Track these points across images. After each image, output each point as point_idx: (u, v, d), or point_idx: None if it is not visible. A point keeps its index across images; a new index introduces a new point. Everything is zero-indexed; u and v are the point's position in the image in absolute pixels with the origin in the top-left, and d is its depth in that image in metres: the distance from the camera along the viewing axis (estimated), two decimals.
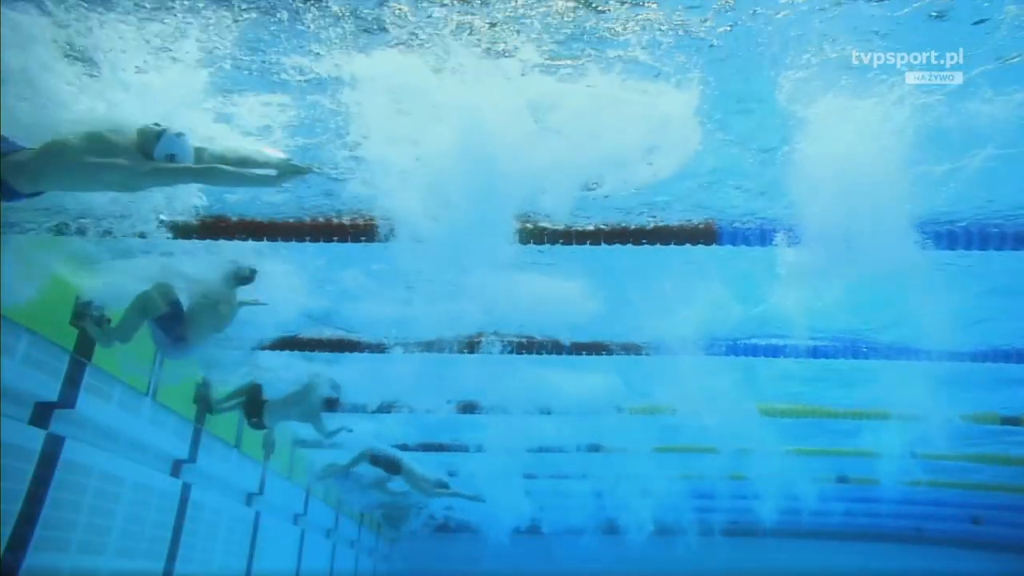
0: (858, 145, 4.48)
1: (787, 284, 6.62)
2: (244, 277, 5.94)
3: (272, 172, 3.71)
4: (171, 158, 3.80)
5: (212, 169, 3.67)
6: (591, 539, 18.44)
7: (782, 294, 6.84)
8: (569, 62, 4.32)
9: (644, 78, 4.38)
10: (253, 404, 8.06)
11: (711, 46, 4.18)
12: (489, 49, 4.25)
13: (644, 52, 4.21)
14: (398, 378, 8.66)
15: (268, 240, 5.48)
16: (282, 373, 8.44)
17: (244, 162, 3.82)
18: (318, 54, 4.18)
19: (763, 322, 7.44)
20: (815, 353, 7.58)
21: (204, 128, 4.26)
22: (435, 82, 4.31)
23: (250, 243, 5.58)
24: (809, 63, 4.25)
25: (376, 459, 10.83)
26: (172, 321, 5.84)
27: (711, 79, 4.37)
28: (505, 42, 4.20)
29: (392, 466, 10.87)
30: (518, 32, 4.14)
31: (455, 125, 4.40)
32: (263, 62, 4.28)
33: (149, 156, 3.79)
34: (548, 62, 4.33)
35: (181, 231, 5.22)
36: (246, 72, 4.33)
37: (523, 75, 4.31)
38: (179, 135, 3.84)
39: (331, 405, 8.07)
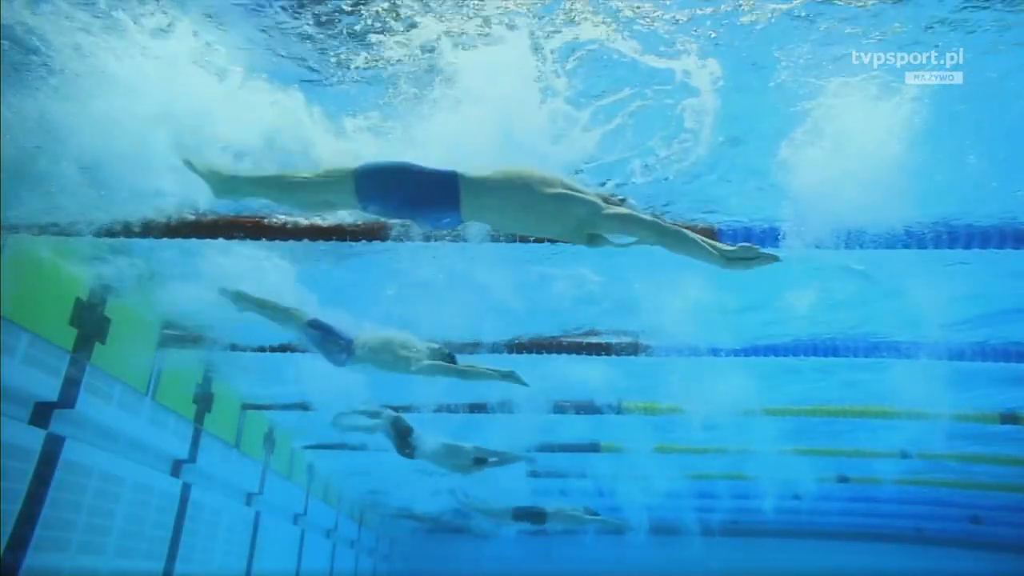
0: (858, 143, 4.49)
1: (786, 282, 6.64)
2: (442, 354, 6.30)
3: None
4: None
5: (677, 232, 3.55)
6: (591, 539, 18.44)
7: (782, 293, 6.86)
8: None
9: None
10: (401, 437, 8.27)
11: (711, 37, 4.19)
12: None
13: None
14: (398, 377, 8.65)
15: (267, 240, 5.47)
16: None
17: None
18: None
19: (764, 321, 7.44)
20: (815, 351, 7.58)
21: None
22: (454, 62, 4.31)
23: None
24: (809, 61, 4.26)
25: (520, 514, 10.80)
26: (321, 334, 6.14)
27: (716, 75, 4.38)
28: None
29: (538, 518, 10.82)
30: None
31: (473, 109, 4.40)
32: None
33: None
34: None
35: (172, 230, 5.20)
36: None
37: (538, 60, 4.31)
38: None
39: (479, 464, 8.64)
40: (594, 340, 7.63)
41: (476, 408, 9.54)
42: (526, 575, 19.28)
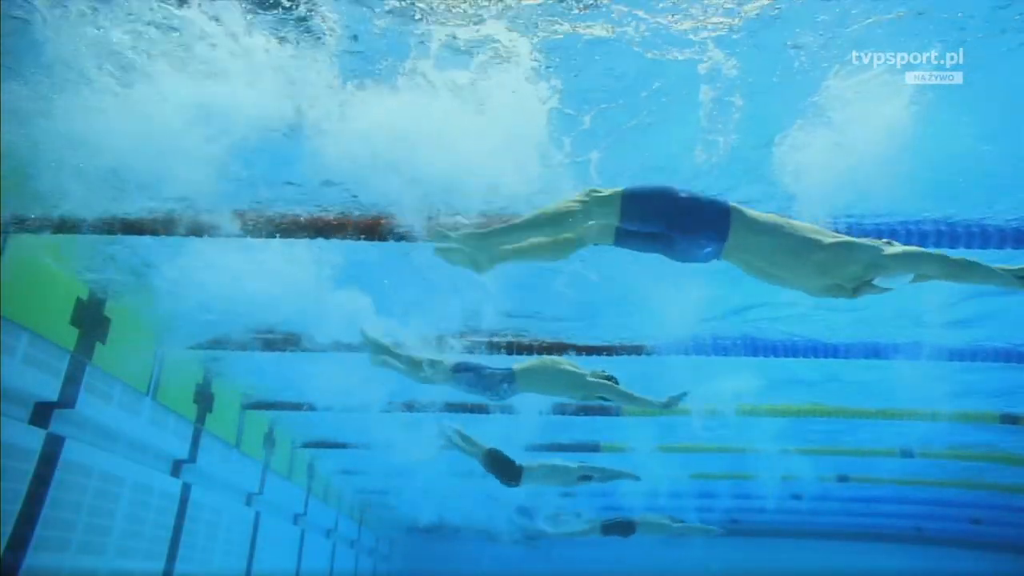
0: (859, 140, 4.49)
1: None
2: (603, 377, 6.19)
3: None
4: None
5: (963, 261, 3.38)
6: (591, 538, 18.43)
7: (782, 292, 6.84)
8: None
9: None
10: (504, 468, 8.21)
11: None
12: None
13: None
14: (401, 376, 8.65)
15: (269, 237, 5.45)
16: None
17: None
18: None
19: (764, 321, 7.44)
20: (815, 352, 7.58)
21: None
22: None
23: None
24: (808, 58, 4.26)
25: (608, 528, 10.85)
26: (472, 374, 6.05)
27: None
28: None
29: (627, 528, 10.86)
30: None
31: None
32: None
33: None
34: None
35: (174, 228, 5.16)
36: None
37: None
38: None
39: (584, 480, 8.63)
40: (594, 340, 7.62)
41: (477, 408, 9.54)
42: (526, 575, 19.28)
